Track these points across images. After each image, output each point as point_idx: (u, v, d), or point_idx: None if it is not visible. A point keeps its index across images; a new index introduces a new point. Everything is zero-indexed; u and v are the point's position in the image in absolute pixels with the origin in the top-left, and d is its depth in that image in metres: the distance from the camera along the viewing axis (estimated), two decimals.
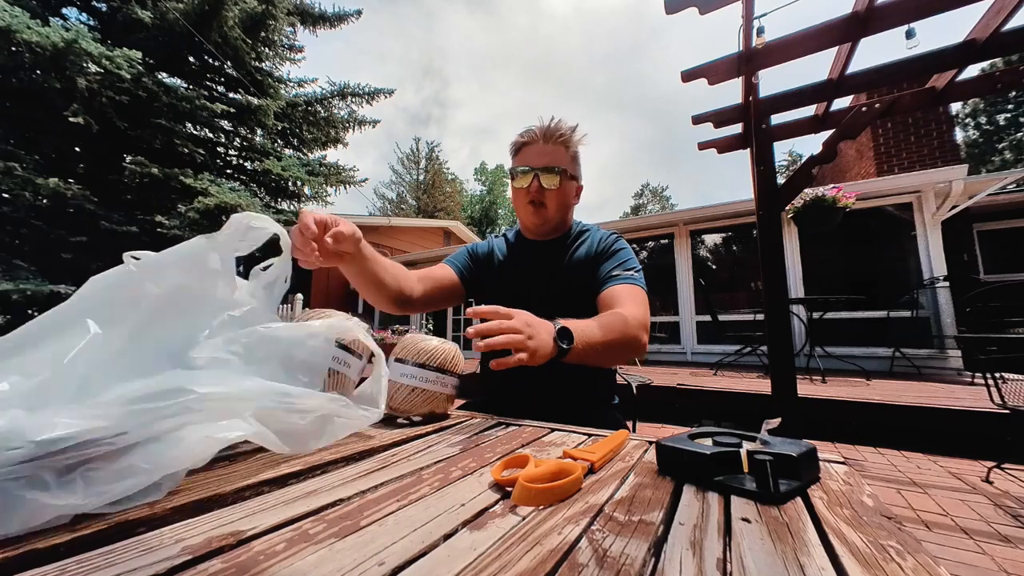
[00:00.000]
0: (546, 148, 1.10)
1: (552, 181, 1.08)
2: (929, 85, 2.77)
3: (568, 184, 1.12)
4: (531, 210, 1.11)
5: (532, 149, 1.11)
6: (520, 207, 1.15)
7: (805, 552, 0.29)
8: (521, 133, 1.14)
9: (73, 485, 0.31)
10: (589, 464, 0.46)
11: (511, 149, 1.17)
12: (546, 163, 1.08)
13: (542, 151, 1.10)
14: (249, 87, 8.54)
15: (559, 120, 1.12)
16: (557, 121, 1.11)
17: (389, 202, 29.46)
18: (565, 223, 1.19)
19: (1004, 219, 6.72)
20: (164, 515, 0.34)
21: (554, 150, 1.10)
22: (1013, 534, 1.62)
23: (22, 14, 5.60)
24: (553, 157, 1.09)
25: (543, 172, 1.08)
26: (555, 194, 1.10)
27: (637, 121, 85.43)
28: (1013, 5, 2.10)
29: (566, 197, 1.13)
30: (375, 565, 0.27)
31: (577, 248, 1.16)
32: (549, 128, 1.10)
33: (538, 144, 1.11)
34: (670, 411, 3.71)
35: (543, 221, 1.14)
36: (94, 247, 6.85)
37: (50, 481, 0.31)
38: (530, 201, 1.11)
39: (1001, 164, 21.46)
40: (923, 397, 3.08)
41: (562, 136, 1.10)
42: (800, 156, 28.34)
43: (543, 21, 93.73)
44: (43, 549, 0.28)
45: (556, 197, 1.10)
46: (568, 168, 1.11)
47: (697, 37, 76.98)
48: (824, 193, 3.81)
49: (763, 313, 2.64)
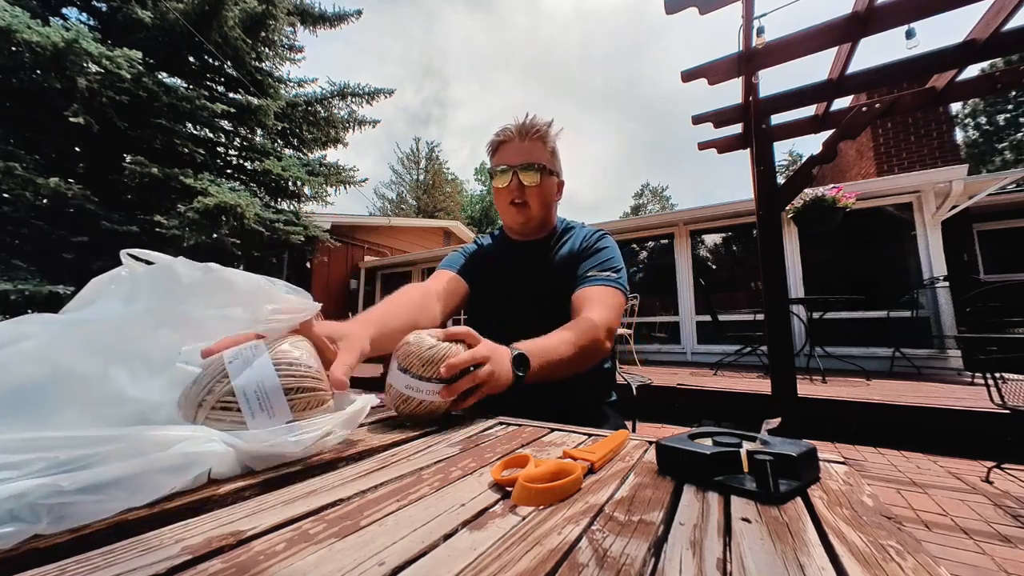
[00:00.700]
0: (523, 145, 1.08)
1: (532, 178, 1.06)
2: (929, 85, 2.77)
3: (549, 180, 1.10)
4: (514, 210, 1.10)
5: (509, 147, 1.09)
6: (502, 208, 1.13)
7: (805, 552, 0.29)
8: (497, 132, 1.11)
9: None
10: (589, 464, 0.46)
11: (488, 149, 1.14)
12: (525, 160, 1.06)
13: (519, 148, 1.08)
14: (249, 87, 8.54)
15: (534, 116, 1.09)
16: (532, 117, 1.09)
17: (389, 202, 29.47)
18: (549, 221, 1.17)
19: (1004, 219, 6.72)
20: (164, 515, 0.34)
21: (532, 146, 1.07)
22: (1013, 534, 1.62)
23: (22, 14, 5.60)
24: (531, 153, 1.07)
25: (522, 169, 1.06)
26: (536, 191, 1.08)
27: (637, 121, 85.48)
28: (1013, 5, 2.10)
29: (548, 194, 1.11)
30: (375, 565, 0.27)
31: (561, 247, 1.14)
32: (525, 124, 1.08)
33: (515, 142, 1.08)
34: (670, 411, 3.71)
35: (526, 220, 1.12)
36: (94, 247, 6.85)
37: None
38: (512, 201, 1.09)
39: (1001, 164, 21.46)
40: (923, 397, 3.08)
41: (538, 131, 1.08)
42: (800, 156, 28.36)
43: (543, 21, 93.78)
44: (43, 548, 0.28)
45: (538, 194, 1.09)
46: (547, 164, 1.08)
47: (697, 37, 77.00)
48: (824, 193, 3.81)
49: (763, 313, 2.64)
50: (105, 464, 0.33)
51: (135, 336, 0.44)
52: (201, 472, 0.38)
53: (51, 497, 0.30)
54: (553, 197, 1.14)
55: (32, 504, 0.29)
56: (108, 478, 0.32)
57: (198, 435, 0.39)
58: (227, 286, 0.52)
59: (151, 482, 0.35)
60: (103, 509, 0.32)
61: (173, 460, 0.36)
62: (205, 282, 0.51)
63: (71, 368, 0.39)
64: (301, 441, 0.45)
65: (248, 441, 0.42)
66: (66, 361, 0.39)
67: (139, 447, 0.35)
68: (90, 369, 0.40)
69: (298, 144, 10.01)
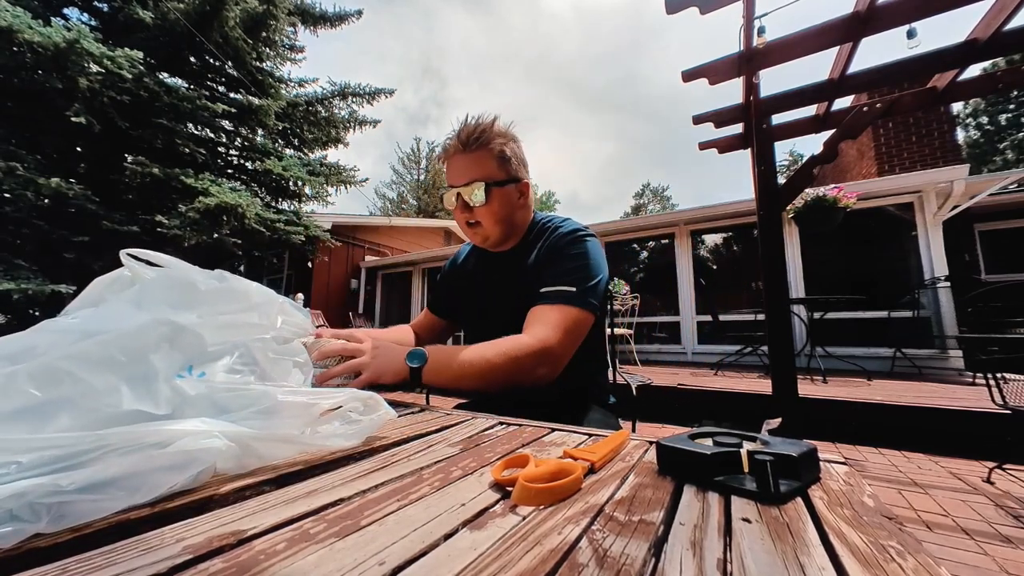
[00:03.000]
0: (466, 159, 0.96)
1: (477, 197, 0.95)
2: (930, 85, 2.77)
3: (499, 193, 0.97)
4: (470, 231, 1.02)
5: (453, 164, 0.98)
6: (460, 227, 1.04)
7: (805, 552, 0.29)
8: (442, 144, 1.01)
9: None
10: (589, 464, 0.46)
11: (440, 164, 1.04)
12: (467, 178, 0.95)
13: (461, 164, 0.96)
14: (250, 87, 8.55)
15: (476, 118, 0.97)
16: (474, 120, 0.97)
17: (390, 202, 29.49)
18: (515, 232, 1.05)
19: (1005, 219, 6.71)
20: (165, 514, 0.34)
21: (475, 159, 0.95)
22: (1014, 535, 1.62)
23: (24, 14, 5.61)
24: (473, 168, 0.95)
25: (466, 188, 0.95)
26: (485, 211, 0.96)
27: (637, 121, 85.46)
28: (1015, 4, 2.10)
29: (501, 209, 0.98)
30: (375, 565, 0.27)
31: (531, 255, 1.02)
32: (462, 133, 0.96)
33: (457, 156, 0.97)
34: (670, 411, 3.71)
35: (483, 239, 1.03)
36: (96, 247, 6.86)
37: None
38: (465, 222, 1.00)
39: (1003, 164, 21.43)
40: (924, 397, 3.07)
41: (480, 137, 0.95)
42: (801, 156, 28.30)
43: (543, 21, 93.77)
44: (44, 548, 0.29)
45: (487, 213, 0.97)
46: (494, 176, 0.96)
47: (698, 38, 76.98)
48: (825, 193, 3.81)
49: (764, 313, 2.64)
50: (103, 462, 0.33)
51: (151, 345, 0.45)
52: (204, 469, 0.38)
53: (50, 496, 0.30)
54: (512, 209, 1.00)
55: (32, 504, 0.29)
56: (106, 476, 0.32)
57: (199, 430, 0.39)
58: (243, 295, 0.54)
59: (150, 480, 0.35)
60: (103, 508, 0.32)
61: (172, 458, 0.36)
62: (221, 289, 0.53)
63: (86, 381, 0.39)
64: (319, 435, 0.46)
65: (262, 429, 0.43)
66: (81, 374, 0.39)
67: (136, 444, 0.35)
68: (103, 383, 0.40)
69: (299, 144, 10.03)
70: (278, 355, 0.53)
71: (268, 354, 0.52)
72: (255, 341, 0.52)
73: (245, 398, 0.44)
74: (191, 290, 0.51)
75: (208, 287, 0.52)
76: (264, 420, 0.44)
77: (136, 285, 0.52)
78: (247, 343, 0.51)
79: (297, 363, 0.55)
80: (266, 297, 0.58)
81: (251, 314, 0.55)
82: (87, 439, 0.33)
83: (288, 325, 0.59)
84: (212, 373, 0.47)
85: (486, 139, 0.95)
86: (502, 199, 0.98)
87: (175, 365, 0.45)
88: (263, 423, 0.43)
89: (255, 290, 0.57)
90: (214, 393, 0.44)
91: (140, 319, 0.45)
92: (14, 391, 0.36)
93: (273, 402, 0.45)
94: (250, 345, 0.51)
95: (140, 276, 0.56)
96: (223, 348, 0.49)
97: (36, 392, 0.37)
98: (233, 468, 0.41)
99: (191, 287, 0.51)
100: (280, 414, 0.45)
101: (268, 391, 0.46)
